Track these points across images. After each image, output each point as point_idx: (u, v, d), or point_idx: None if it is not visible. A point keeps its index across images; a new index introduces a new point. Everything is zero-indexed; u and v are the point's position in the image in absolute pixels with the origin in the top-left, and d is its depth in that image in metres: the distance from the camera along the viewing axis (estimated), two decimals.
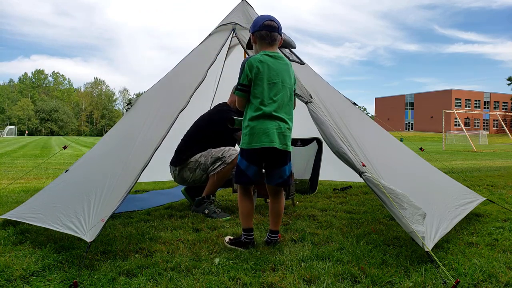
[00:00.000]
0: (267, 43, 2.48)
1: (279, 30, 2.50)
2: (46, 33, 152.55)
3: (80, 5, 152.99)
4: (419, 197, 2.47)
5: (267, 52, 2.46)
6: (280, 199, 2.57)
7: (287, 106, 2.45)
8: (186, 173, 3.67)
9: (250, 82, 2.41)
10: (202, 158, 3.60)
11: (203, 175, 3.61)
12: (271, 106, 2.37)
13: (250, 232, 2.49)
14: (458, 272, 2.05)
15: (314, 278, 1.95)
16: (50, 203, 2.69)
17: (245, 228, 2.49)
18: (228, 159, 3.51)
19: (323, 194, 4.68)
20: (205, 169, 3.59)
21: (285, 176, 2.50)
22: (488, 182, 5.87)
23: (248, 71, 2.40)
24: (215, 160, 3.55)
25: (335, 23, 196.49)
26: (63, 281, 1.91)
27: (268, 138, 2.35)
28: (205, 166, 3.58)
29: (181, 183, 3.81)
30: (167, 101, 3.03)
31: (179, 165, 3.70)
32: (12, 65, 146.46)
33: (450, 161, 11.48)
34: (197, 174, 3.63)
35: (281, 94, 2.41)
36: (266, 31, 2.46)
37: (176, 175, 3.76)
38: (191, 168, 3.64)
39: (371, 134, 3.35)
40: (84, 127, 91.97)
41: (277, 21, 2.51)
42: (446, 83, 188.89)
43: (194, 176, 3.65)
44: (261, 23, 2.47)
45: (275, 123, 2.38)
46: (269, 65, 2.41)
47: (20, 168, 8.21)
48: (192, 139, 3.77)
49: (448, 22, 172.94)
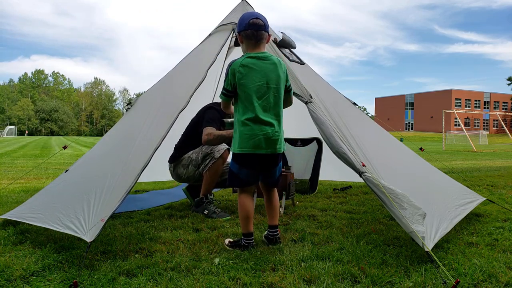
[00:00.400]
0: (253, 43, 2.42)
1: (266, 27, 2.44)
2: (46, 33, 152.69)
3: (80, 5, 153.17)
4: (419, 197, 2.47)
5: (251, 54, 2.40)
6: (273, 194, 2.58)
7: (274, 107, 2.39)
8: (180, 169, 3.72)
9: (234, 87, 2.39)
10: (194, 155, 3.67)
11: (195, 171, 3.65)
12: (256, 110, 2.33)
13: (250, 237, 2.46)
14: (458, 272, 2.05)
15: (314, 278, 1.95)
16: (50, 203, 2.69)
17: (245, 233, 2.47)
18: (217, 154, 3.53)
19: (323, 194, 4.68)
20: (196, 165, 3.63)
21: (275, 176, 2.52)
22: (488, 182, 5.87)
23: (231, 76, 2.38)
24: (204, 156, 3.59)
25: (335, 23, 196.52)
26: (63, 281, 1.91)
27: (254, 144, 2.33)
28: (196, 162, 3.63)
29: (178, 180, 3.88)
30: (167, 101, 3.03)
31: (173, 162, 3.79)
32: (12, 65, 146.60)
33: (450, 161, 11.48)
34: (190, 171, 3.67)
35: (266, 96, 2.36)
36: (251, 30, 2.39)
37: (171, 171, 3.84)
38: (184, 164, 3.70)
39: (371, 134, 3.35)
40: (84, 127, 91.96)
41: (263, 18, 2.44)
42: (446, 83, 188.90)
43: (187, 173, 3.69)
44: (246, 22, 2.40)
45: (261, 127, 2.34)
46: (252, 67, 2.35)
47: (20, 168, 8.21)
48: (187, 136, 3.84)
49: (448, 22, 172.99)
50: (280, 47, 3.36)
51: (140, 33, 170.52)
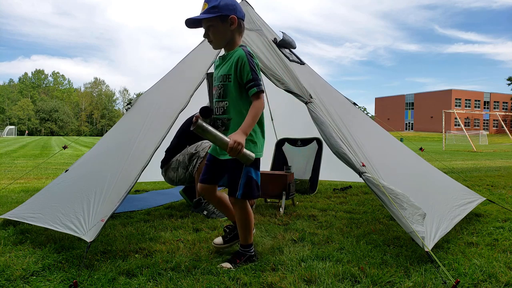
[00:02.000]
0: (240, 35, 2.19)
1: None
2: (47, 33, 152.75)
3: (80, 5, 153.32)
4: (419, 197, 2.47)
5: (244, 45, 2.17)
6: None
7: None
8: (171, 173, 3.75)
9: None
10: (181, 157, 3.69)
11: (185, 173, 3.66)
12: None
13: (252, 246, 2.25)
14: (458, 272, 2.05)
15: (314, 278, 1.95)
16: (50, 203, 2.69)
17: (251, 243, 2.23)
18: (202, 153, 3.56)
19: (323, 194, 4.68)
20: (185, 166, 3.65)
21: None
22: (488, 182, 5.87)
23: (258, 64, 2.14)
24: (190, 156, 3.61)
25: (336, 23, 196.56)
26: (63, 281, 1.91)
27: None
28: (184, 163, 3.64)
29: (171, 183, 3.89)
30: (167, 101, 3.03)
31: (163, 166, 3.82)
32: (12, 65, 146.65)
33: (450, 161, 11.48)
34: (180, 173, 3.68)
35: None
36: (243, 21, 2.18)
37: (164, 176, 3.87)
38: (174, 168, 3.72)
39: (371, 134, 3.35)
40: (84, 127, 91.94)
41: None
42: (446, 83, 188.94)
43: (178, 176, 3.70)
44: (243, 13, 2.17)
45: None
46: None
47: (20, 168, 8.21)
48: (175, 141, 3.86)
49: (448, 22, 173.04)
50: (280, 47, 3.36)
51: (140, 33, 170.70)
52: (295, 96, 2.91)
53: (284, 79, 2.98)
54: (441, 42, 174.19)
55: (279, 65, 3.10)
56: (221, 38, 2.13)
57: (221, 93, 2.14)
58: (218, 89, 2.15)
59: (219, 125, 2.14)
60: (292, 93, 2.92)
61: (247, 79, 2.04)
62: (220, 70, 2.18)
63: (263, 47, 3.24)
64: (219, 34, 2.11)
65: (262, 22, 3.75)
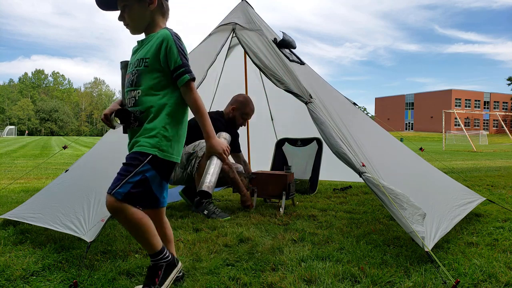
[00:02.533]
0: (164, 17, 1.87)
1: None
2: (47, 33, 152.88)
3: (80, 5, 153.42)
4: (419, 197, 2.47)
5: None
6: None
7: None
8: None
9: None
10: None
11: (183, 173, 3.65)
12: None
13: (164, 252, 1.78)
14: (458, 272, 2.05)
15: (314, 278, 1.95)
16: (50, 203, 2.69)
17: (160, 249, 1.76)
18: (200, 152, 3.55)
19: (323, 194, 4.68)
20: (182, 166, 3.64)
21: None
22: (488, 182, 5.87)
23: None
24: (188, 156, 3.59)
25: (336, 23, 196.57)
26: (63, 281, 1.91)
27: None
28: (182, 163, 3.63)
29: (170, 184, 3.85)
30: None
31: None
32: (12, 65, 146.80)
33: (450, 161, 11.48)
34: (178, 173, 3.67)
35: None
36: (167, 2, 1.86)
37: None
38: None
39: (371, 134, 3.35)
40: (84, 127, 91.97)
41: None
42: (446, 83, 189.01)
43: (176, 176, 3.69)
44: None
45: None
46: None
47: (20, 168, 8.21)
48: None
49: (448, 22, 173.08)
50: (280, 47, 3.36)
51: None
52: (295, 96, 2.92)
53: (284, 79, 2.99)
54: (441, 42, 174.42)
55: (279, 65, 3.10)
56: (139, 21, 1.80)
57: (134, 80, 1.75)
58: (132, 75, 1.76)
59: (132, 120, 1.71)
60: (292, 93, 2.92)
61: (176, 65, 1.69)
62: (137, 54, 1.80)
63: (263, 47, 3.24)
64: (135, 15, 1.78)
65: (262, 22, 3.76)
